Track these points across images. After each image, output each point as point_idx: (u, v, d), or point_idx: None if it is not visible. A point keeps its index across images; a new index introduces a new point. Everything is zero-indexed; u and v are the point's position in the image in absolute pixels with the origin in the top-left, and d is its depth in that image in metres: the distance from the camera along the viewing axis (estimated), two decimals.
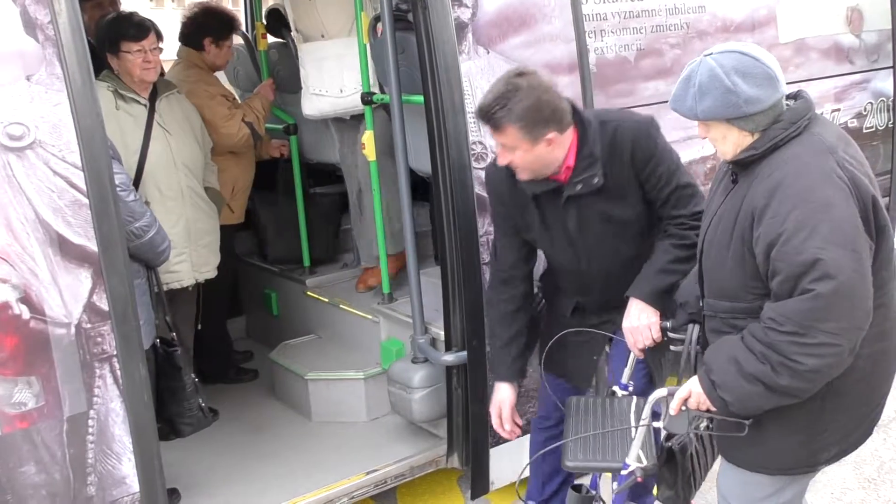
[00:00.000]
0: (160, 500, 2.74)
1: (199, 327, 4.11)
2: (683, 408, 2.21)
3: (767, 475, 2.24)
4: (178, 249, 3.62)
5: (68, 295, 2.51)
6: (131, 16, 3.59)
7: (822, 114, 2.32)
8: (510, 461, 3.35)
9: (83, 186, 2.49)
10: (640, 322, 2.71)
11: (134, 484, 2.68)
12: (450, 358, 3.36)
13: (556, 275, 3.00)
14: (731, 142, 2.16)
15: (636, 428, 2.42)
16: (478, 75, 3.25)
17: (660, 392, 2.32)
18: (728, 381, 2.08)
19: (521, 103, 2.53)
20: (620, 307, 2.79)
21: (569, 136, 2.67)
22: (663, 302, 2.71)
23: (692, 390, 2.18)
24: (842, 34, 4.56)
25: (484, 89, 3.26)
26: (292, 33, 4.37)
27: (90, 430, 2.60)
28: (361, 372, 3.94)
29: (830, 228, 1.95)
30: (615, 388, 2.83)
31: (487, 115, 2.58)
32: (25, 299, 2.45)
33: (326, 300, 4.37)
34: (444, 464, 3.55)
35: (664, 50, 3.86)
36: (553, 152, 2.65)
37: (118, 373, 2.61)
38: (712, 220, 2.25)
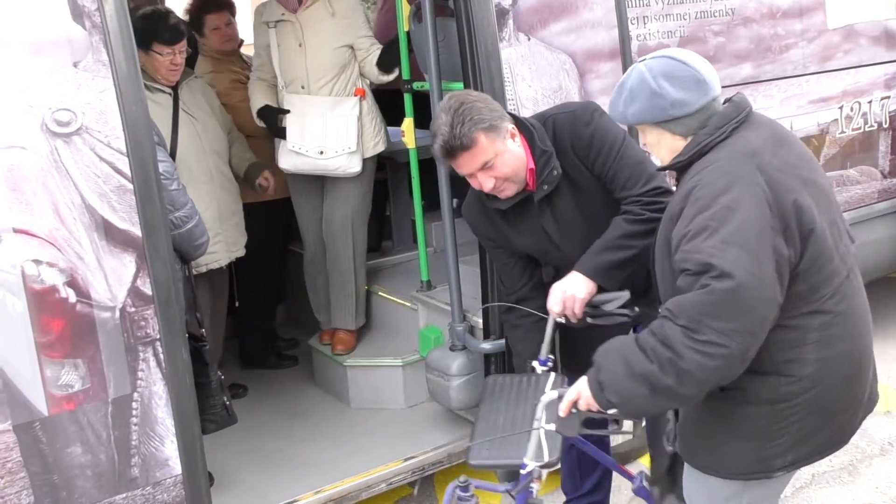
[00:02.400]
0: (202, 482, 2.78)
1: (237, 304, 4.15)
2: (574, 410, 2.14)
3: (721, 479, 2.19)
4: (214, 231, 3.67)
5: (113, 279, 2.55)
6: (167, 16, 3.61)
7: (763, 113, 2.31)
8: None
9: (128, 172, 2.53)
10: (567, 291, 2.62)
11: (176, 466, 2.72)
12: (487, 346, 3.36)
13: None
14: (666, 147, 2.16)
15: (530, 431, 2.35)
16: (518, 62, 3.23)
17: (550, 395, 2.26)
18: (615, 382, 2.00)
19: (468, 113, 2.49)
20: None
21: (519, 140, 2.62)
22: (609, 278, 2.61)
23: (581, 392, 2.11)
24: (892, 20, 4.45)
25: (524, 76, 3.26)
26: (278, 81, 4.03)
27: (134, 412, 2.64)
28: (400, 359, 3.95)
29: (731, 231, 1.90)
30: (534, 363, 2.70)
31: (453, 143, 2.49)
32: (72, 283, 2.49)
33: (365, 287, 4.40)
34: None
35: (708, 37, 3.80)
36: (519, 146, 2.60)
37: (161, 356, 2.64)
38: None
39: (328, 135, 3.88)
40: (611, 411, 2.05)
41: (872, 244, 4.50)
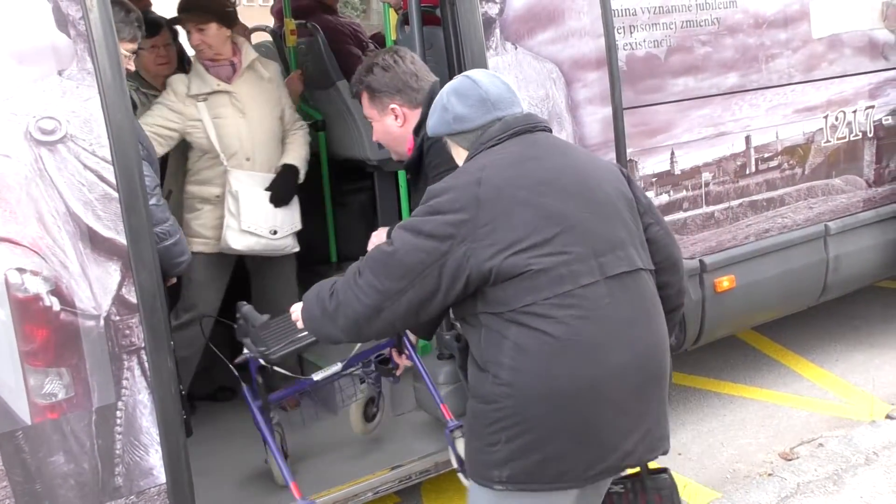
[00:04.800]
0: (186, 492, 2.77)
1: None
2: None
3: (475, 484, 2.21)
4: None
5: (98, 287, 2.54)
6: (144, 14, 3.60)
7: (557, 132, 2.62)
8: None
9: (113, 180, 2.52)
10: (379, 236, 3.04)
11: (161, 475, 2.71)
12: None
13: None
14: (460, 158, 2.30)
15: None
16: (505, 71, 3.24)
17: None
18: (308, 300, 2.27)
19: (375, 69, 2.74)
20: None
21: (401, 122, 2.80)
22: None
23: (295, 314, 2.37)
24: (877, 29, 4.48)
25: (511, 85, 3.27)
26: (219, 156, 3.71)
27: (118, 421, 2.63)
28: None
29: (419, 222, 2.10)
30: None
31: (354, 82, 2.82)
32: (56, 291, 2.48)
33: None
34: None
35: (695, 46, 3.83)
36: (399, 127, 2.80)
37: (146, 365, 2.63)
38: None
39: (278, 213, 3.77)
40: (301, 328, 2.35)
41: (857, 253, 4.54)
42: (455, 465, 3.19)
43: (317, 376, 3.28)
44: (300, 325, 2.35)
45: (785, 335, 5.22)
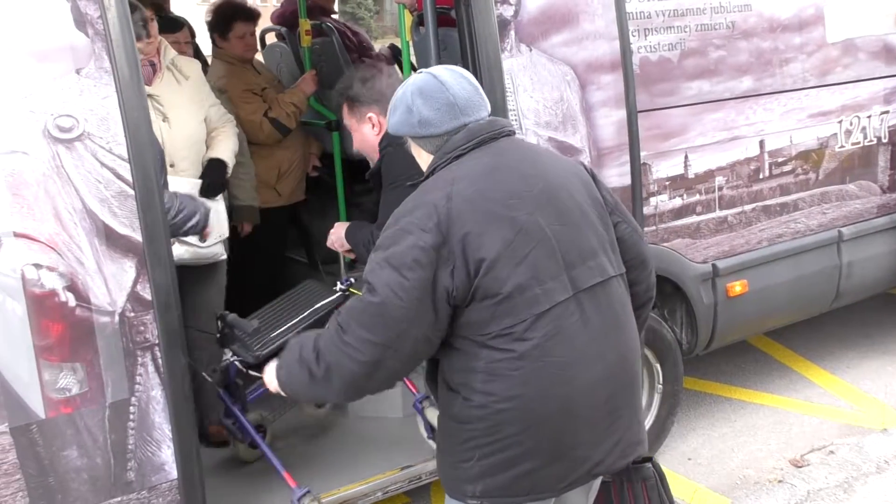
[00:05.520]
0: (198, 488, 2.79)
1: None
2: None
3: (449, 498, 2.20)
4: None
5: (113, 284, 2.56)
6: (164, 13, 3.70)
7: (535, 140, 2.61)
8: None
9: (129, 178, 2.54)
10: (337, 232, 3.30)
11: (172, 471, 2.73)
12: None
13: None
14: (423, 161, 2.23)
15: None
16: (520, 73, 3.25)
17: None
18: (289, 363, 2.15)
19: (357, 81, 2.96)
20: None
21: (377, 130, 3.05)
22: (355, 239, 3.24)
23: (268, 371, 2.25)
24: (892, 34, 4.46)
25: (526, 87, 3.28)
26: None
27: (131, 416, 2.65)
28: None
29: (394, 252, 1.99)
30: (338, 282, 3.30)
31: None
32: (72, 287, 2.50)
33: None
34: None
35: (709, 50, 3.82)
36: (375, 135, 3.05)
37: (159, 361, 2.65)
38: None
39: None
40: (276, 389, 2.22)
41: (871, 260, 4.51)
42: (424, 434, 3.35)
43: None
44: (276, 389, 2.22)
45: (797, 341, 5.20)
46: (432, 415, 3.23)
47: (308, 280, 3.50)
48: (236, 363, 3.07)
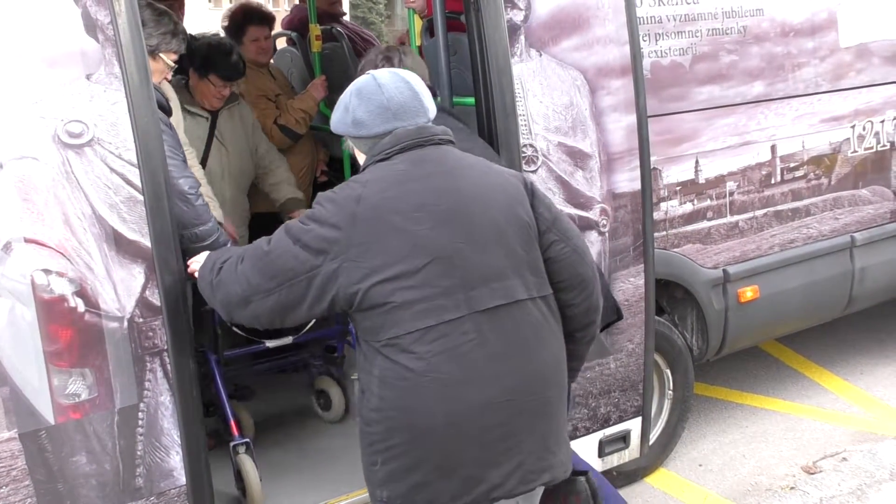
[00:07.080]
0: (206, 494, 2.78)
1: None
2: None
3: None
4: None
5: (122, 289, 2.56)
6: (231, 53, 3.78)
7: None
8: None
9: (139, 183, 2.54)
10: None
11: (181, 477, 2.72)
12: None
13: None
14: (360, 161, 2.25)
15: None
16: (530, 78, 3.23)
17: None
18: (208, 260, 2.38)
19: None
20: None
21: None
22: None
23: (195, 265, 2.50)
24: None
25: (535, 92, 3.27)
26: None
27: (140, 422, 2.64)
28: None
29: (301, 228, 2.10)
30: None
31: None
32: (81, 293, 2.50)
33: None
34: None
35: (720, 55, 3.80)
36: None
37: (168, 367, 2.65)
38: None
39: None
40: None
41: (884, 265, 4.48)
42: None
43: (270, 343, 3.52)
44: (192, 272, 2.50)
45: (809, 347, 5.17)
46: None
47: None
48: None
